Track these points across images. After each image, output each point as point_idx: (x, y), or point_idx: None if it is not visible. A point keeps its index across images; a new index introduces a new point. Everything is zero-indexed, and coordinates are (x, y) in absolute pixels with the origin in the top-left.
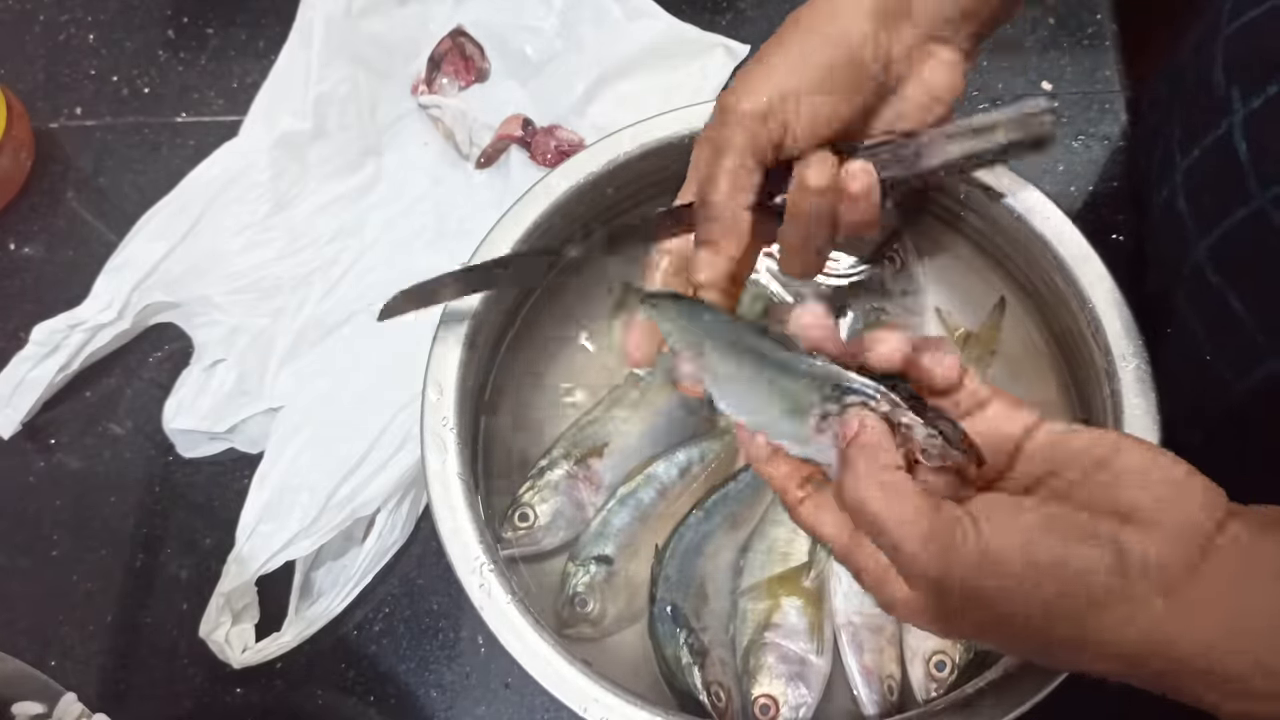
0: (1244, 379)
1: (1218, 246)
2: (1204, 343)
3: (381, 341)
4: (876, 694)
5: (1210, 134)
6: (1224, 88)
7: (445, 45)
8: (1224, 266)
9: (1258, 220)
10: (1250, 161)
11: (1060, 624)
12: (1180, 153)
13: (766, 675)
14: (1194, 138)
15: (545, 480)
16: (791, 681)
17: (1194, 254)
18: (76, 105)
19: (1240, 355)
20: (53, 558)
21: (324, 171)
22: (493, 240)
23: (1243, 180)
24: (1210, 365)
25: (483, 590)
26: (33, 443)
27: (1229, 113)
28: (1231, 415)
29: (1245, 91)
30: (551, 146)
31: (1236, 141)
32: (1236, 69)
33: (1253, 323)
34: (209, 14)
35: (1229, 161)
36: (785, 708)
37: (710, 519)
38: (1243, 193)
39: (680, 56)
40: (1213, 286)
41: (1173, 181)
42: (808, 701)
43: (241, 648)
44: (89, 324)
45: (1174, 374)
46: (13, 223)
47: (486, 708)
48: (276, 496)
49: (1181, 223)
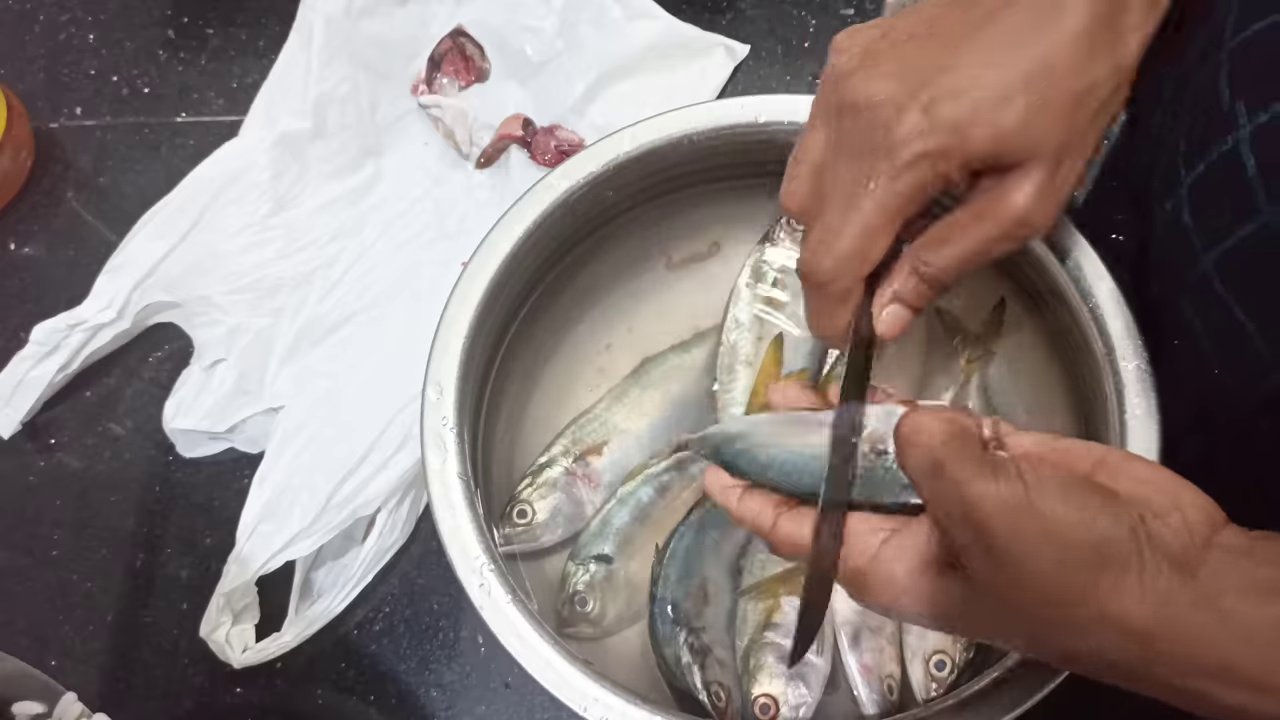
0: (1251, 391)
1: (1224, 260)
2: (1210, 354)
3: (381, 341)
4: (876, 693)
5: (1216, 149)
6: (1229, 101)
7: (445, 45)
8: (1231, 279)
9: (1266, 234)
10: (1258, 176)
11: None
12: (1185, 167)
13: (766, 675)
14: (1200, 152)
15: (544, 478)
16: (791, 681)
17: (1200, 265)
18: (76, 105)
19: (1247, 367)
20: (53, 557)
21: (324, 171)
22: (493, 240)
23: (1250, 195)
24: (1217, 376)
25: (483, 590)
26: (33, 442)
27: (1235, 128)
28: (1237, 426)
29: (1251, 106)
30: (551, 146)
31: (1244, 157)
32: (1241, 82)
33: (1259, 336)
34: (209, 14)
35: (1236, 176)
36: (785, 707)
37: (711, 519)
38: (1251, 208)
39: (680, 56)
40: (1219, 298)
41: (1178, 195)
42: (808, 701)
43: (242, 648)
44: (89, 324)
45: (1179, 383)
46: (13, 223)
47: (486, 707)
48: (277, 496)
49: (1187, 236)
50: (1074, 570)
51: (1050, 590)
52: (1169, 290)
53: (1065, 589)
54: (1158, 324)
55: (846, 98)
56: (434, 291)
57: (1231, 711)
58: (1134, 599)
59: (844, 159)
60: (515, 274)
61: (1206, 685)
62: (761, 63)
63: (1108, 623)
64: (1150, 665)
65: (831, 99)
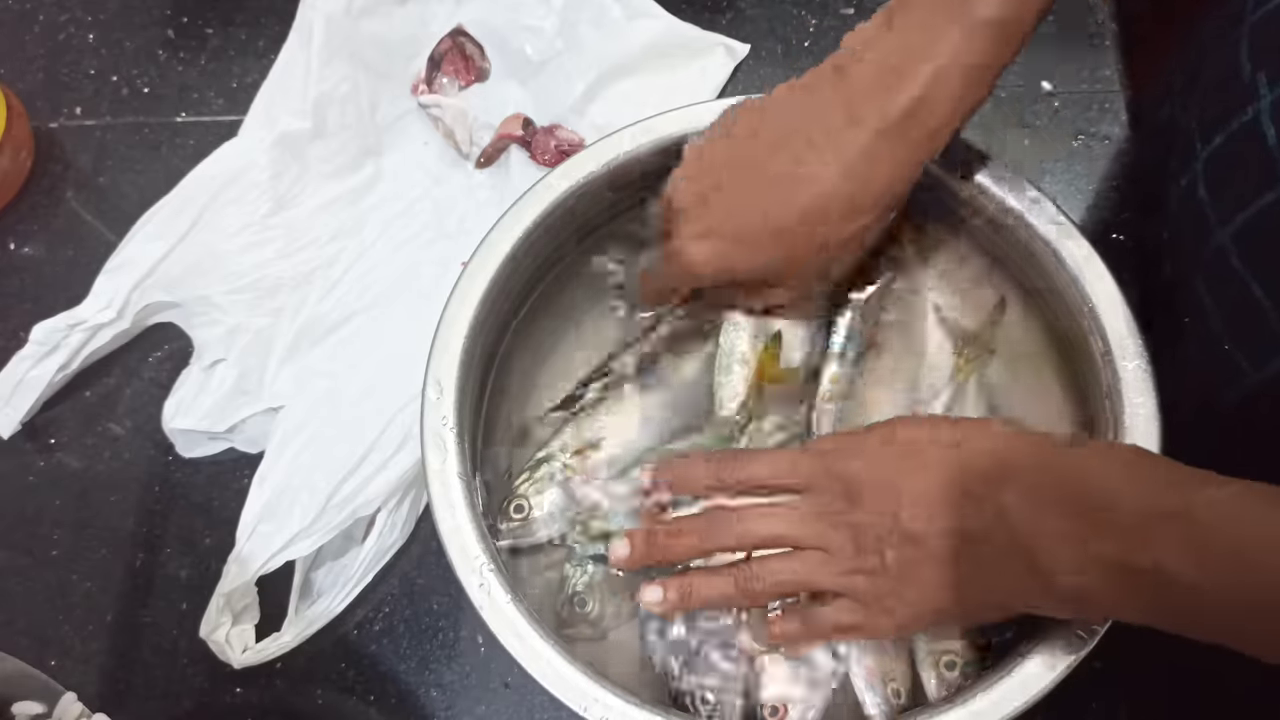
0: (1261, 369)
1: (1242, 232)
2: (1221, 332)
3: (381, 341)
4: (879, 697)
5: (1236, 120)
6: (1250, 74)
7: (445, 45)
8: (1248, 253)
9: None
10: (1279, 146)
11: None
12: (1201, 141)
13: (774, 677)
14: (1217, 125)
15: (541, 473)
16: (800, 683)
17: (1216, 240)
18: (76, 105)
19: (1259, 344)
20: (53, 557)
21: (324, 171)
22: (493, 240)
23: (1271, 165)
24: (1228, 355)
25: (483, 590)
26: (33, 442)
27: (1256, 99)
28: (1246, 405)
29: (1272, 77)
30: (551, 146)
31: (1265, 127)
32: (1263, 55)
33: (1274, 310)
34: (209, 14)
35: (1256, 147)
36: (793, 709)
37: None
38: (1271, 178)
39: (680, 56)
40: (1235, 273)
41: (1193, 170)
42: (816, 703)
43: (241, 648)
44: (89, 323)
45: (1188, 363)
46: (12, 223)
47: (486, 707)
48: (276, 496)
49: (1202, 211)
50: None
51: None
52: (1182, 269)
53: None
54: (1168, 305)
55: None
56: (434, 291)
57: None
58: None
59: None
60: (515, 274)
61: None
62: (761, 62)
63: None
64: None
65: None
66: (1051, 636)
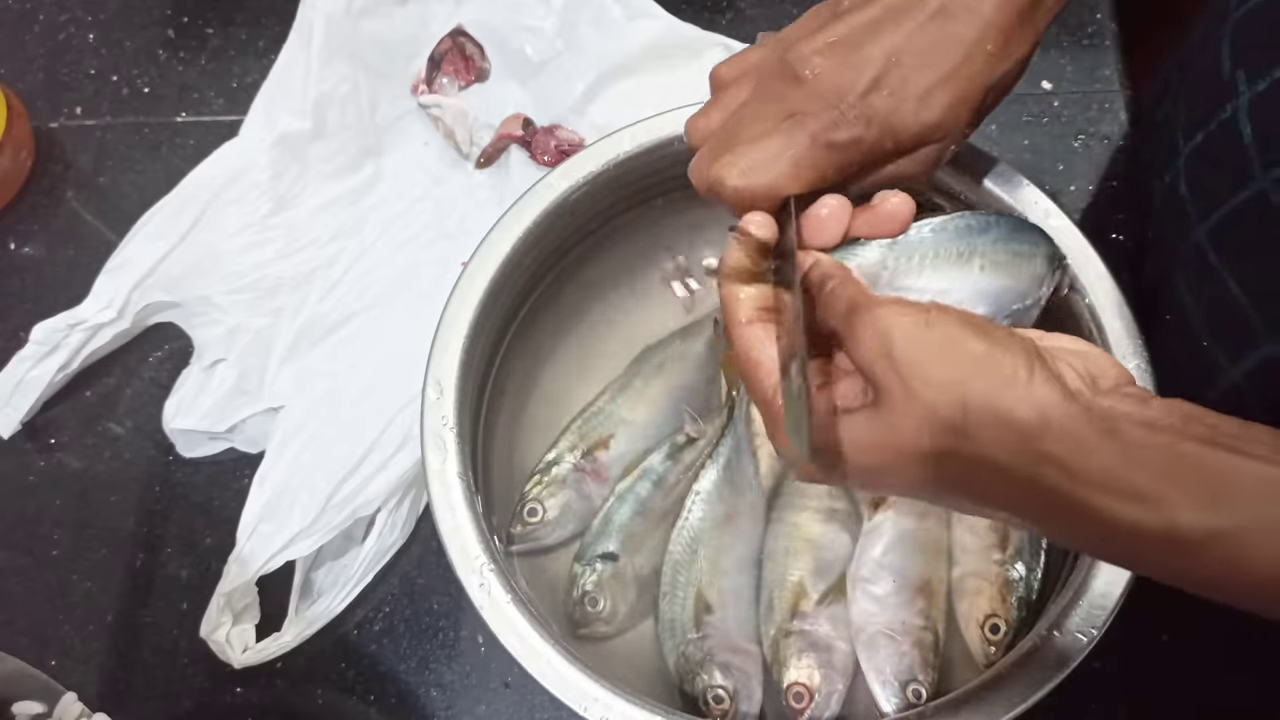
0: (1239, 363)
1: (1218, 229)
2: (1201, 327)
3: (381, 341)
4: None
5: (1215, 118)
6: (1229, 72)
7: (445, 45)
8: (1224, 249)
9: (1259, 203)
10: (1254, 144)
11: (959, 377)
12: (1184, 138)
13: (797, 662)
14: (1198, 122)
15: (552, 475)
16: (823, 668)
17: (1194, 237)
18: (76, 105)
19: (1237, 340)
20: (53, 557)
21: (324, 171)
22: (493, 240)
23: (1246, 163)
24: (1206, 350)
25: (483, 590)
26: (33, 442)
27: (1234, 96)
28: (1226, 400)
29: (1251, 74)
30: (551, 146)
31: (1241, 124)
32: (1243, 53)
33: (1251, 307)
34: (209, 14)
35: (1233, 144)
36: (818, 695)
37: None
38: (1245, 175)
39: (680, 56)
40: (1212, 269)
41: (1175, 167)
42: (839, 688)
43: (242, 648)
44: (89, 323)
45: (1169, 359)
46: (12, 223)
47: (486, 707)
48: (277, 496)
49: (1182, 207)
50: (960, 366)
51: (939, 394)
52: (1163, 267)
53: (951, 388)
54: (1151, 304)
55: (791, 65)
56: (434, 291)
57: (1129, 533)
58: (1020, 399)
59: (767, 113)
60: (515, 274)
61: (1097, 497)
62: None
63: (992, 421)
64: (1039, 467)
65: (773, 58)
66: (1051, 636)
